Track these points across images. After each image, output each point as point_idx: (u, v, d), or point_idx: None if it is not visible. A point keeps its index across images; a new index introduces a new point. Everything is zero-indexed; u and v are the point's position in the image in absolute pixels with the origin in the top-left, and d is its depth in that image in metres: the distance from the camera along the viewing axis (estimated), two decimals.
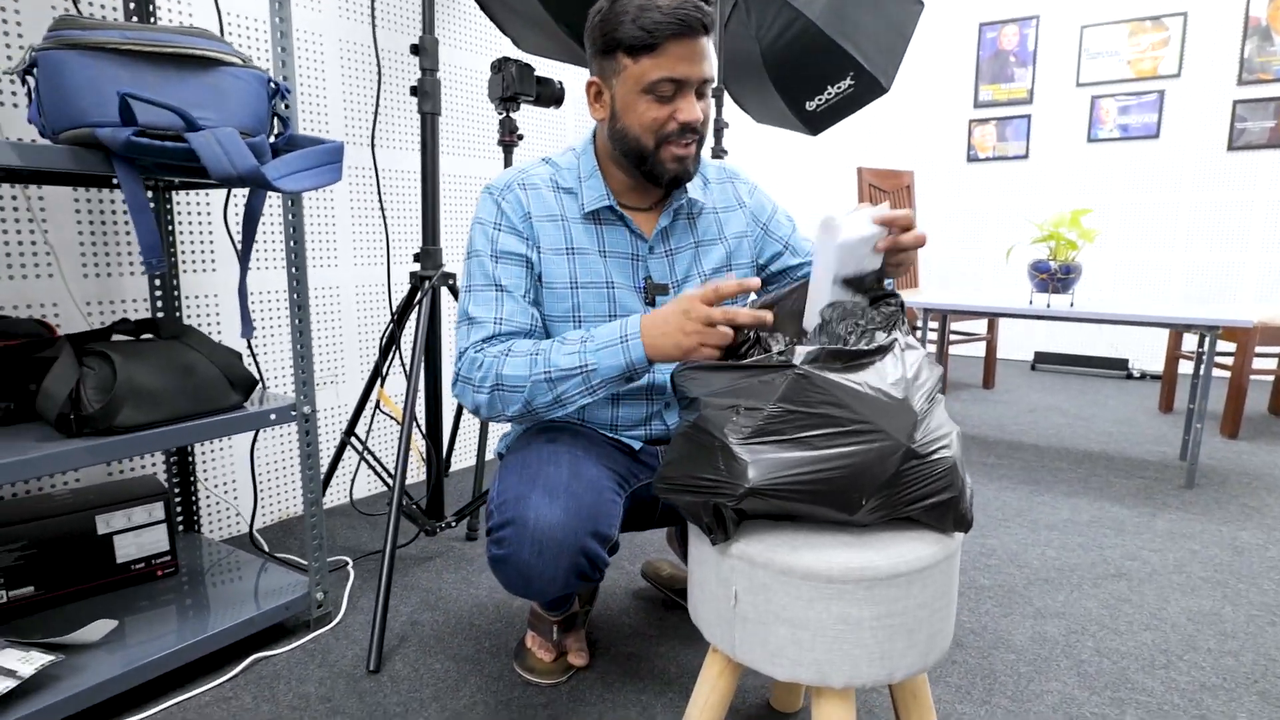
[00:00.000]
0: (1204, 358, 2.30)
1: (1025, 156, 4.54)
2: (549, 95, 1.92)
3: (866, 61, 2.59)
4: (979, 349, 4.85)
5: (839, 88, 2.67)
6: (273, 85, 1.21)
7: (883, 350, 0.93)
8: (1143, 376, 4.19)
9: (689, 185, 1.21)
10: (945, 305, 2.61)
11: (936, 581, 0.88)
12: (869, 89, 2.67)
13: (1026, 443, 2.84)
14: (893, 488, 0.86)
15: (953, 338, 4.05)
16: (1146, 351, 4.37)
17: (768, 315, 0.96)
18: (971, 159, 4.71)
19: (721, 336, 0.96)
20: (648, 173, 1.14)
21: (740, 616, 0.90)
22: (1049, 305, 2.49)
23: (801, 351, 0.91)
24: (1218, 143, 4.05)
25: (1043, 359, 4.47)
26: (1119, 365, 4.26)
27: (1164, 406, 3.36)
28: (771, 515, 0.92)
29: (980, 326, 4.74)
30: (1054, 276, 2.51)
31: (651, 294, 1.20)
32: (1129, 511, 2.13)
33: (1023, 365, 4.57)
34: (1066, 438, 2.91)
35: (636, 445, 1.24)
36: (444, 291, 2.36)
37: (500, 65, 1.83)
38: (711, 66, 1.08)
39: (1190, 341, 3.97)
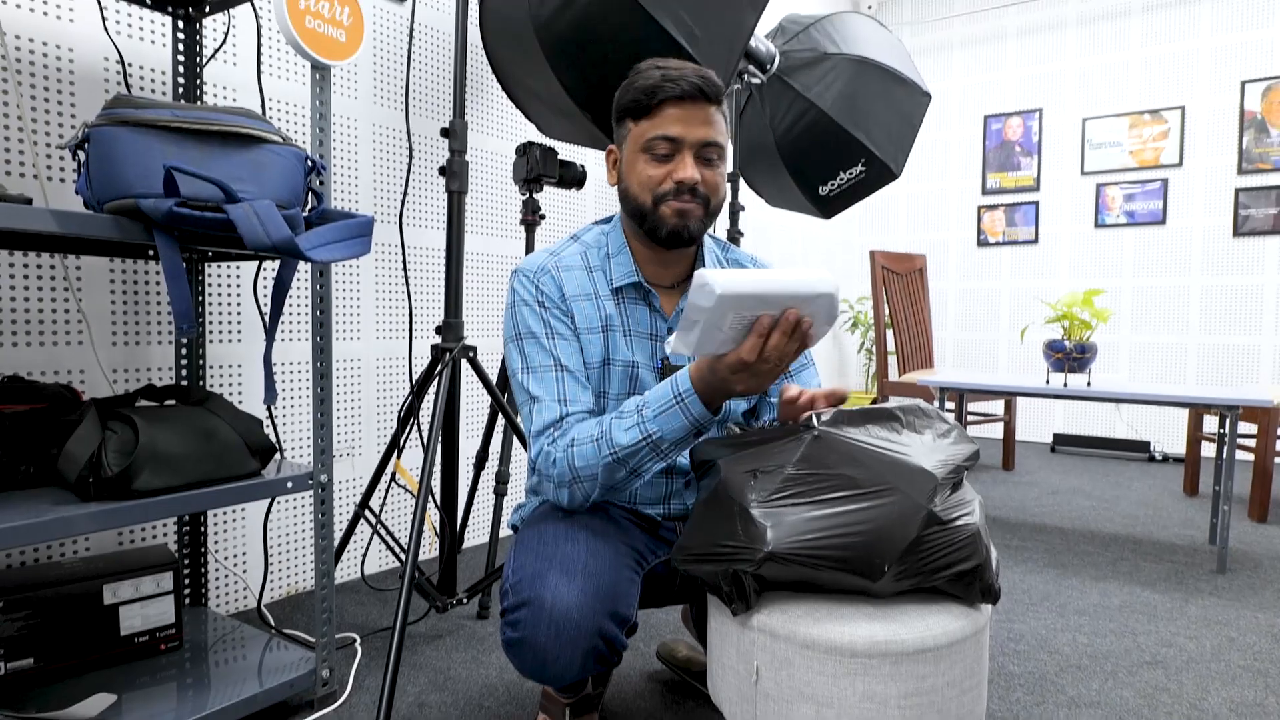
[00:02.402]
0: (1226, 439, 2.27)
1: (1035, 241, 4.62)
2: (571, 177, 1.99)
3: (877, 149, 2.68)
4: (997, 430, 4.80)
5: (851, 173, 2.76)
6: (309, 162, 1.26)
7: (903, 415, 0.93)
8: (1165, 459, 4.12)
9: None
10: (963, 384, 2.60)
11: (966, 658, 0.85)
12: (880, 175, 2.75)
13: (1050, 525, 2.78)
14: (915, 554, 0.84)
15: (970, 419, 4.02)
16: (1167, 433, 4.31)
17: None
18: (982, 243, 4.80)
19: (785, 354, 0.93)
20: (650, 230, 1.13)
21: (762, 693, 0.87)
22: (1066, 384, 2.47)
23: (823, 415, 0.91)
24: (1223, 229, 4.11)
25: (1062, 441, 4.42)
26: (1140, 448, 4.20)
27: (1188, 489, 3.29)
28: (793, 584, 0.90)
29: (997, 407, 4.72)
30: (1070, 356, 2.51)
31: (668, 376, 1.19)
32: (1161, 596, 2.06)
33: (1042, 447, 4.51)
34: (1091, 520, 2.84)
35: (658, 517, 1.22)
36: (464, 364, 2.38)
37: (525, 149, 1.90)
38: (716, 132, 1.10)
39: (1211, 423, 3.92)
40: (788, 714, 0.85)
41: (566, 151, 2.77)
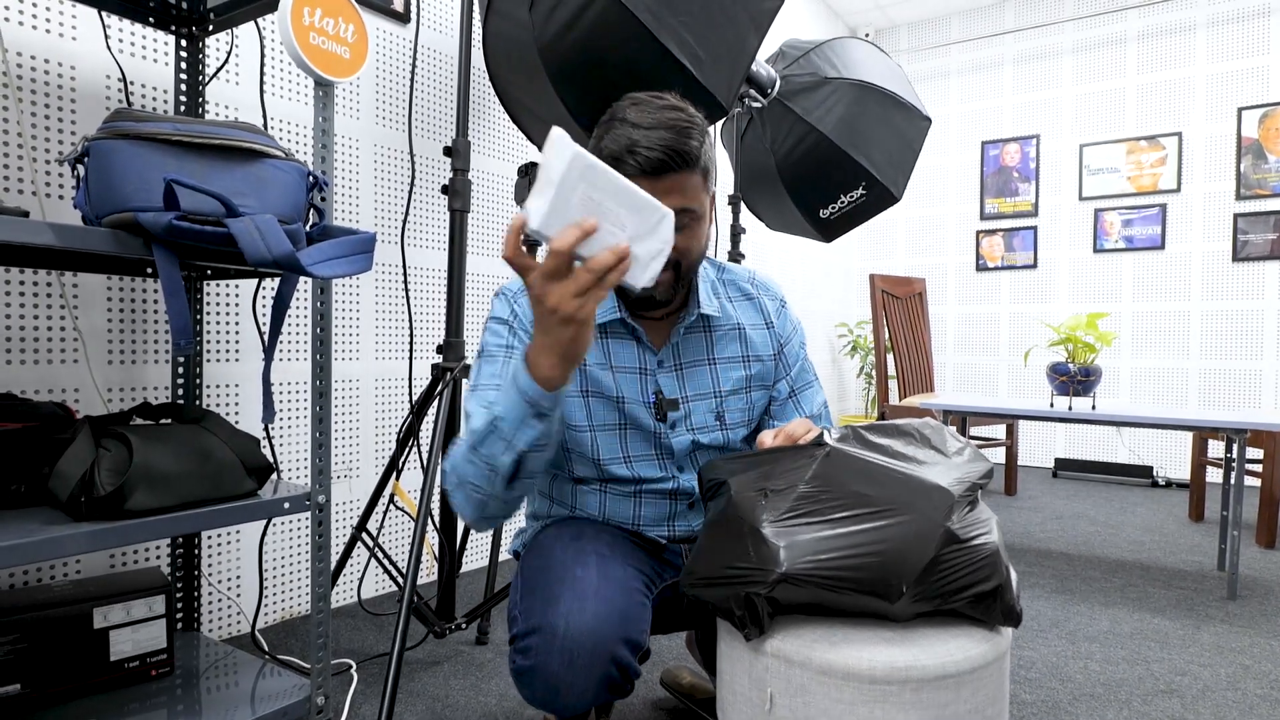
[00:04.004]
0: (1235, 463, 2.24)
1: (1034, 266, 4.63)
2: None
3: (878, 172, 2.69)
4: (998, 454, 4.77)
5: (852, 196, 2.76)
6: (311, 178, 1.25)
7: (916, 432, 0.91)
8: (1168, 484, 4.09)
9: (704, 301, 1.17)
10: (968, 407, 2.58)
11: (989, 684, 0.82)
12: (881, 198, 2.75)
13: (1055, 550, 2.74)
14: (934, 575, 0.81)
15: (972, 443, 3.99)
16: (1169, 458, 4.28)
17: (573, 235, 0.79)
18: (981, 268, 4.80)
19: (591, 296, 0.81)
20: (618, 292, 1.11)
21: None
22: (1071, 408, 2.45)
23: (834, 432, 0.89)
24: (1223, 254, 4.12)
25: (1064, 465, 4.39)
26: (1143, 473, 4.17)
27: (1194, 515, 3.25)
28: (807, 607, 0.87)
29: (999, 432, 4.69)
30: (1074, 379, 2.49)
31: (663, 409, 1.15)
32: (1172, 623, 2.02)
33: (1043, 472, 4.48)
34: (1097, 546, 2.81)
35: (662, 539, 1.19)
36: (465, 384, 2.36)
37: (528, 170, 1.90)
38: (686, 199, 1.02)
39: (1216, 448, 3.89)
40: None
41: None
